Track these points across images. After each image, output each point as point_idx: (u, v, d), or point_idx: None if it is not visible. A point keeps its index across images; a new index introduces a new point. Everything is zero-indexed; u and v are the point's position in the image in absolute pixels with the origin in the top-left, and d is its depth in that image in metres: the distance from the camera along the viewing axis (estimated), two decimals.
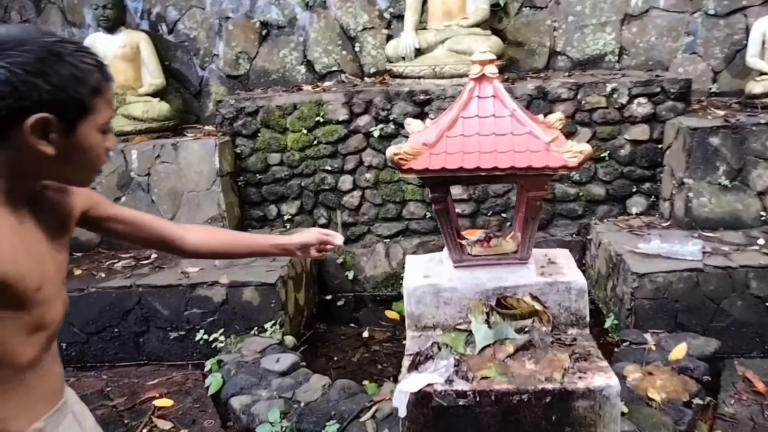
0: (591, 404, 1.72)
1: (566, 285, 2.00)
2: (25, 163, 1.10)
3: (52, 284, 1.19)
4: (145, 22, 5.12)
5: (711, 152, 3.83)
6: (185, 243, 1.57)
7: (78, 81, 1.08)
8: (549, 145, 1.81)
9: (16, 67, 1.02)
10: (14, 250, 1.08)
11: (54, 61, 1.05)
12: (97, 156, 1.18)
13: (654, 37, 4.92)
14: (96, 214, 1.40)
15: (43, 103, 1.04)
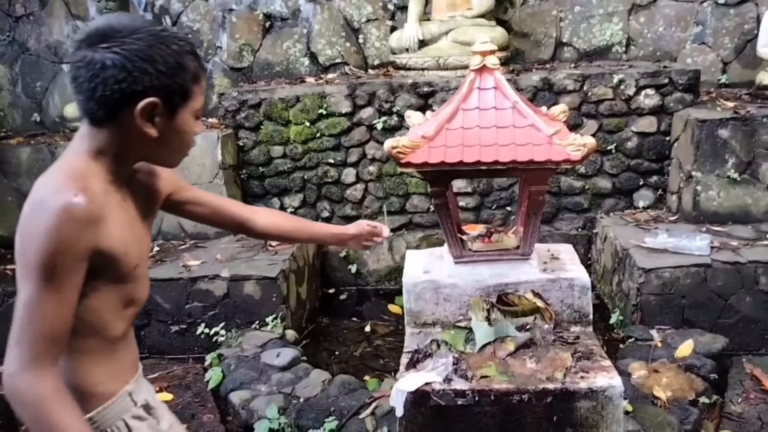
0: (593, 405, 1.67)
1: (569, 281, 1.94)
2: (129, 144, 1.18)
3: (145, 263, 1.33)
4: (148, 14, 5.07)
5: (720, 144, 3.76)
6: (256, 225, 1.65)
7: (181, 68, 1.16)
8: (552, 138, 1.76)
9: (131, 54, 1.10)
10: (121, 227, 1.19)
11: (162, 49, 1.12)
12: (189, 139, 1.26)
13: (662, 27, 4.83)
14: (178, 198, 1.48)
15: (152, 88, 1.12)
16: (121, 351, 1.30)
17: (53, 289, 1.09)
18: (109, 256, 1.16)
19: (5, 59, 5.21)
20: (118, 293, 1.23)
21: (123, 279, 1.22)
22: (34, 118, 5.28)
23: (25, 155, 4.31)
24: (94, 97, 1.12)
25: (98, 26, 1.12)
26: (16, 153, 4.32)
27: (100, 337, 1.24)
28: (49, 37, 5.16)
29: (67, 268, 1.09)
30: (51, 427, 1.07)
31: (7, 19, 5.09)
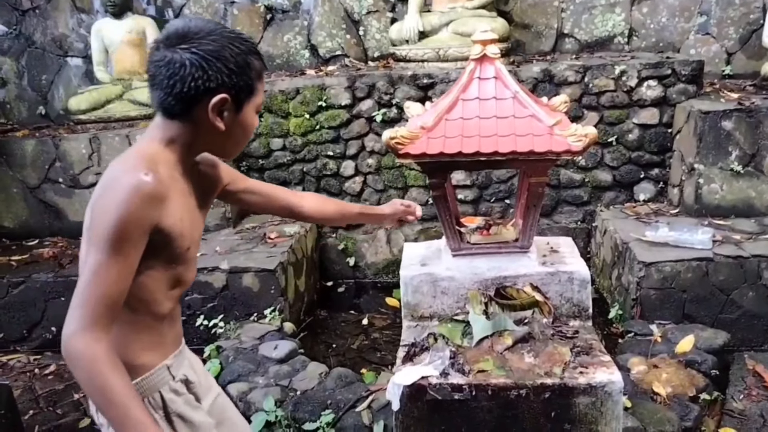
0: (592, 401, 1.65)
1: (569, 275, 1.92)
2: (198, 135, 1.30)
3: (196, 248, 1.43)
4: (151, 8, 5.06)
5: (723, 136, 3.72)
6: (303, 210, 1.77)
7: (248, 66, 1.28)
8: (552, 129, 1.73)
9: (207, 54, 1.22)
10: (180, 210, 1.30)
11: (232, 49, 1.25)
12: (250, 132, 1.39)
13: (665, 17, 4.79)
14: (234, 188, 1.60)
15: (223, 85, 1.24)
16: (164, 327, 1.39)
17: (118, 258, 1.18)
18: (167, 235, 1.27)
19: (12, 52, 5.21)
20: (169, 272, 1.34)
21: (175, 259, 1.33)
22: (39, 111, 5.29)
23: (30, 147, 4.29)
24: (172, 93, 1.23)
25: (177, 28, 1.25)
26: (21, 145, 4.31)
27: (147, 312, 1.34)
28: (54, 30, 5.15)
29: (132, 240, 1.20)
30: (103, 388, 1.14)
31: (14, 12, 5.09)
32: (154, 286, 1.32)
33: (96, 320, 1.17)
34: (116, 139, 4.20)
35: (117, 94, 4.55)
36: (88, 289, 1.18)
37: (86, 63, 5.14)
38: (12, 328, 3.78)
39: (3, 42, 5.16)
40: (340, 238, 4.57)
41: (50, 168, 4.28)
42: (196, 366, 1.56)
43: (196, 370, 1.54)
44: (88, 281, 1.18)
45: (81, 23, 5.08)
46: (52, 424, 3.03)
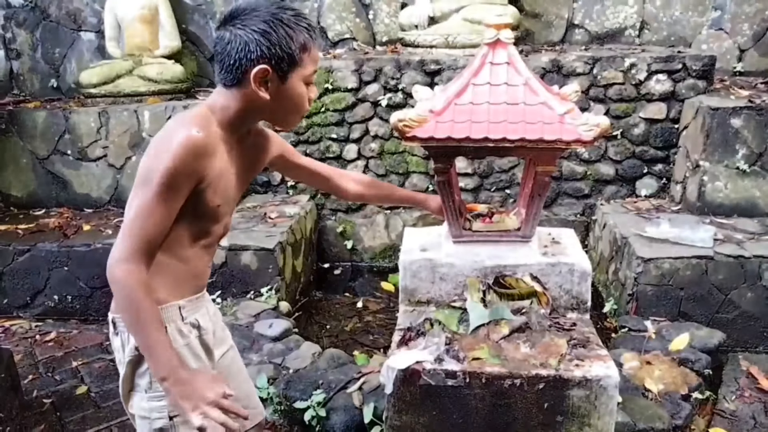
0: (587, 394, 1.63)
1: (569, 267, 1.90)
2: (248, 104, 1.42)
3: (228, 207, 1.55)
4: None
5: (731, 134, 3.69)
6: (349, 190, 1.91)
7: (291, 39, 1.37)
8: (563, 117, 1.70)
9: (248, 29, 1.35)
10: (220, 169, 1.43)
11: (275, 24, 1.35)
12: (302, 103, 1.47)
13: (678, 11, 4.75)
14: (284, 161, 1.76)
15: (263, 56, 1.35)
16: (185, 272, 1.51)
17: (162, 202, 1.34)
18: (204, 188, 1.40)
19: (27, 25, 5.20)
20: (196, 223, 1.46)
21: (204, 212, 1.45)
22: (51, 84, 5.31)
23: (40, 119, 4.31)
24: (223, 66, 1.39)
25: (232, 9, 1.39)
26: (33, 116, 4.33)
27: (171, 254, 1.45)
28: (69, 4, 5.14)
29: (178, 188, 1.35)
30: (138, 312, 1.32)
31: None
32: (181, 232, 1.44)
33: (136, 252, 1.33)
34: (125, 113, 4.20)
35: (127, 70, 4.54)
36: (133, 225, 1.34)
37: (99, 38, 5.13)
38: (16, 294, 3.80)
39: (19, 14, 5.15)
40: (339, 221, 4.56)
41: (59, 140, 4.30)
42: (215, 317, 1.68)
43: (214, 320, 1.66)
44: (133, 218, 1.34)
45: None
46: (50, 389, 3.03)
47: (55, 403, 2.93)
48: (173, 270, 1.48)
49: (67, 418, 2.82)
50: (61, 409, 2.88)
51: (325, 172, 1.88)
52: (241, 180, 1.58)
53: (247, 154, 1.57)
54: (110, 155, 4.28)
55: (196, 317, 1.56)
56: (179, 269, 1.50)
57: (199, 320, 1.57)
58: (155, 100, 4.42)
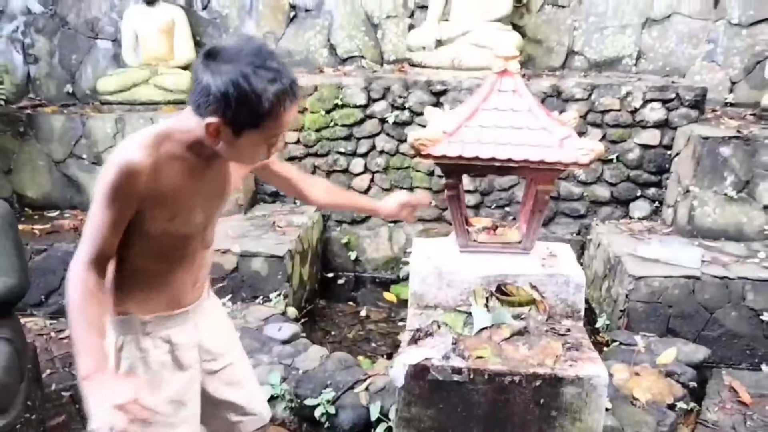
0: (579, 391, 1.81)
1: (565, 278, 2.08)
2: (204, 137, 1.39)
3: (193, 224, 1.54)
4: None
5: (720, 162, 3.88)
6: (311, 197, 1.98)
7: (257, 105, 1.31)
8: (562, 142, 1.89)
9: (216, 82, 1.30)
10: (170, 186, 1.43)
11: (242, 85, 1.29)
12: (254, 157, 1.48)
13: (674, 42, 4.95)
14: (263, 170, 1.85)
15: (219, 111, 1.32)
16: (156, 287, 1.56)
17: (106, 215, 1.40)
18: (149, 207, 1.42)
19: (45, 31, 5.36)
20: (156, 239, 1.48)
21: (159, 229, 1.47)
22: (66, 89, 5.44)
23: (58, 123, 4.47)
24: (193, 96, 1.37)
25: (216, 45, 1.35)
26: (50, 121, 4.49)
27: (137, 268, 1.53)
28: (88, 13, 5.30)
29: (117, 205, 1.39)
30: (76, 313, 1.39)
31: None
32: (143, 247, 1.50)
33: (87, 260, 1.42)
34: (140, 121, 4.35)
35: (143, 79, 4.70)
36: (86, 234, 1.43)
37: (115, 46, 5.29)
38: (31, 292, 3.89)
39: (39, 21, 5.31)
40: (343, 231, 4.73)
41: (76, 144, 4.46)
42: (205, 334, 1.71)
43: (207, 336, 1.72)
44: (87, 228, 1.43)
45: (113, 8, 5.23)
46: (67, 383, 3.18)
47: (74, 396, 3.07)
48: (141, 284, 1.55)
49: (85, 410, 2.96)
50: (79, 402, 3.01)
51: (294, 179, 1.94)
52: (216, 195, 1.59)
53: (221, 170, 1.57)
54: None
55: (168, 333, 1.60)
56: (148, 284, 1.56)
57: (171, 336, 1.61)
58: (170, 108, 4.58)
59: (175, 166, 1.43)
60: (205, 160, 1.49)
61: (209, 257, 1.75)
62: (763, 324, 3.47)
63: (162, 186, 1.41)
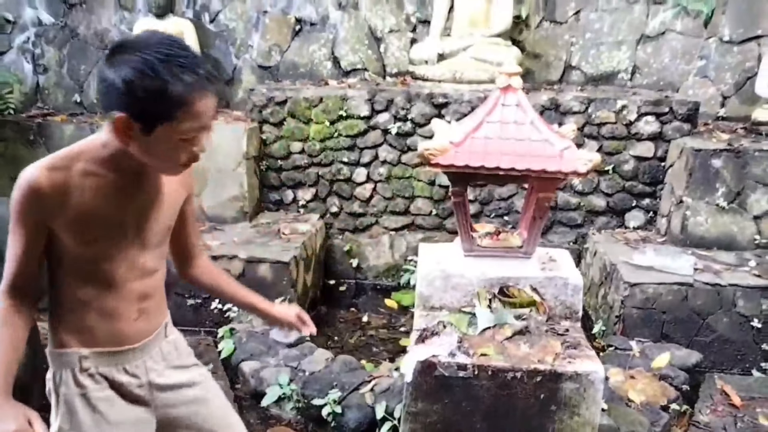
0: (577, 387, 1.92)
1: (564, 281, 2.19)
2: (119, 146, 1.32)
3: (116, 245, 1.41)
4: (190, 11, 5.33)
5: (712, 174, 4.02)
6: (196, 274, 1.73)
7: (162, 92, 1.22)
8: (562, 152, 2.01)
9: (118, 72, 1.22)
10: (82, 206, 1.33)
11: (145, 72, 1.21)
12: (172, 158, 1.33)
13: (668, 58, 5.10)
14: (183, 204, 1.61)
15: (125, 107, 1.24)
16: (89, 320, 1.45)
17: (18, 237, 1.35)
18: (59, 227, 1.34)
19: (56, 42, 5.48)
20: (77, 264, 1.40)
21: (77, 252, 1.38)
22: (74, 99, 5.55)
23: (68, 132, 4.61)
24: (100, 99, 1.30)
25: (118, 40, 1.29)
26: (60, 129, 4.63)
27: (66, 297, 1.44)
28: (97, 24, 5.42)
29: (25, 225, 1.34)
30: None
31: (62, 5, 5.39)
32: (67, 273, 1.41)
33: (5, 282, 1.39)
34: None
35: None
36: (5, 259, 1.38)
37: None
38: None
39: (49, 32, 5.43)
40: (345, 239, 4.84)
41: None
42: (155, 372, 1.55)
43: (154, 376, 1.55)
44: (6, 253, 1.38)
45: (123, 20, 5.36)
46: None
47: None
48: (74, 314, 1.44)
49: None
50: None
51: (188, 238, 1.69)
52: (148, 217, 1.45)
53: (153, 189, 1.45)
54: None
55: (109, 370, 1.48)
56: (81, 314, 1.45)
57: (114, 375, 1.49)
58: None
59: (91, 184, 1.34)
60: (131, 178, 1.39)
61: (155, 288, 1.55)
62: (753, 330, 3.59)
63: (75, 206, 1.33)
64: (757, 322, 3.57)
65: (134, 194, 1.41)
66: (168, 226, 1.53)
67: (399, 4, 5.20)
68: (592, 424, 1.95)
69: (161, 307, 1.60)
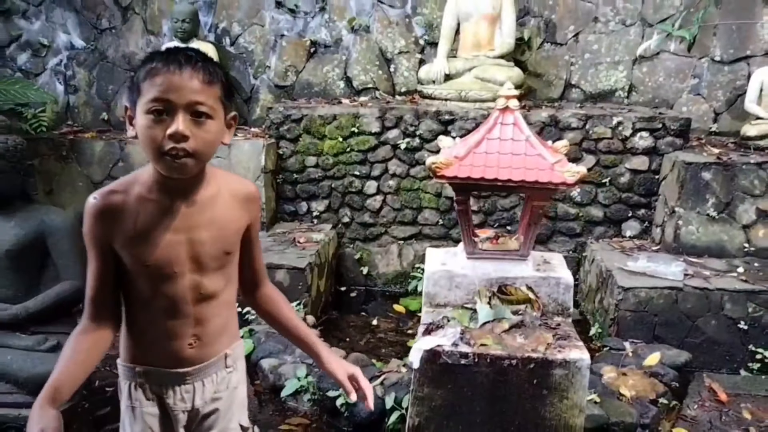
0: (566, 373, 2.17)
1: (557, 280, 2.45)
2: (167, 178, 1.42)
3: (170, 268, 1.47)
4: (212, 35, 5.66)
5: (702, 185, 4.26)
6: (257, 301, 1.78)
7: (140, 71, 1.36)
8: (554, 166, 2.28)
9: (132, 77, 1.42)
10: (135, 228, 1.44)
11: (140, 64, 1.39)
12: (147, 137, 1.35)
13: (662, 77, 5.37)
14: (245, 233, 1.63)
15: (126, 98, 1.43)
16: (145, 338, 1.55)
17: (92, 260, 1.49)
18: (119, 249, 1.45)
19: (86, 64, 5.83)
20: (137, 285, 1.49)
21: (134, 272, 1.48)
22: (102, 117, 5.87)
23: (98, 148, 4.92)
24: None
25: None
26: (91, 146, 4.94)
27: (128, 316, 1.55)
28: (125, 48, 5.77)
29: (93, 248, 1.47)
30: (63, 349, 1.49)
31: (93, 30, 5.75)
32: (127, 293, 1.53)
33: (85, 304, 1.51)
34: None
35: None
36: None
37: None
38: None
39: (80, 55, 5.79)
40: (356, 248, 5.11)
41: (113, 167, 4.89)
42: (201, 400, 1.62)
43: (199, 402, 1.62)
44: None
45: (149, 44, 5.70)
46: (109, 380, 3.53)
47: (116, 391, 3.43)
48: (135, 332, 1.56)
49: None
50: None
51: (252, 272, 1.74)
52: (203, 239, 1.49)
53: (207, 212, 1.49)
54: None
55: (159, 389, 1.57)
56: (140, 333, 1.55)
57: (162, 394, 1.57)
58: None
59: (145, 208, 1.43)
60: (181, 200, 1.45)
61: (215, 314, 1.57)
62: (740, 332, 3.82)
63: (131, 228, 1.43)
64: (743, 324, 3.80)
65: (186, 216, 1.46)
66: (225, 250, 1.54)
67: (408, 27, 5.51)
68: (580, 406, 2.20)
69: (223, 335, 1.62)
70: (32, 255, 2.81)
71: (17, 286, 2.80)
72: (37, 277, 2.83)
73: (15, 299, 2.77)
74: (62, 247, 2.82)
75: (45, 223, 2.82)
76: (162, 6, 5.60)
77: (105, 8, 5.68)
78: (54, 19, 5.73)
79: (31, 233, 2.79)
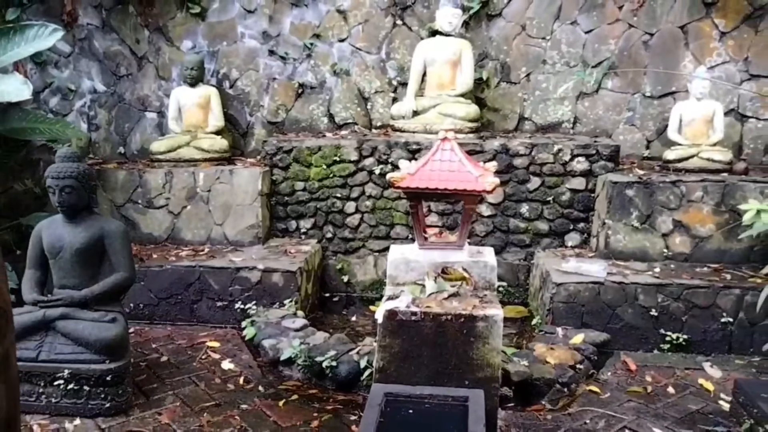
0: (486, 325, 3.00)
1: (485, 263, 3.30)
2: None
3: None
4: (214, 79, 6.55)
5: (627, 201, 5.13)
6: None
7: None
8: (477, 178, 3.15)
9: None
10: None
11: None
12: None
13: (602, 110, 6.29)
14: None
15: None
16: None
17: None
18: None
19: (106, 106, 6.74)
20: None
21: None
22: (119, 150, 6.75)
23: (121, 176, 5.70)
24: None
25: None
26: (115, 174, 5.71)
27: None
28: (140, 91, 6.67)
29: None
30: None
31: (113, 77, 6.68)
32: None
33: None
34: (185, 174, 5.60)
35: (186, 142, 5.87)
36: None
37: (159, 117, 6.65)
38: None
39: (102, 98, 6.69)
40: (338, 260, 5.94)
41: (133, 192, 5.68)
42: None
43: None
44: None
45: (161, 87, 6.60)
46: (141, 359, 4.33)
47: (149, 365, 4.23)
48: None
49: (158, 373, 4.12)
50: (154, 368, 4.18)
51: None
52: None
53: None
54: (170, 205, 5.63)
55: None
56: None
57: None
58: (207, 165, 5.79)
59: None
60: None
61: None
62: (652, 318, 4.67)
63: None
64: (654, 312, 4.65)
65: None
66: None
67: (383, 70, 6.45)
68: (497, 349, 3.02)
69: None
70: (94, 253, 3.66)
71: (83, 276, 3.66)
72: (97, 269, 3.68)
73: (81, 286, 3.64)
74: (116, 247, 3.66)
75: (104, 229, 3.68)
76: (172, 56, 6.53)
77: (123, 58, 6.61)
78: (80, 68, 6.65)
79: (94, 237, 3.64)
